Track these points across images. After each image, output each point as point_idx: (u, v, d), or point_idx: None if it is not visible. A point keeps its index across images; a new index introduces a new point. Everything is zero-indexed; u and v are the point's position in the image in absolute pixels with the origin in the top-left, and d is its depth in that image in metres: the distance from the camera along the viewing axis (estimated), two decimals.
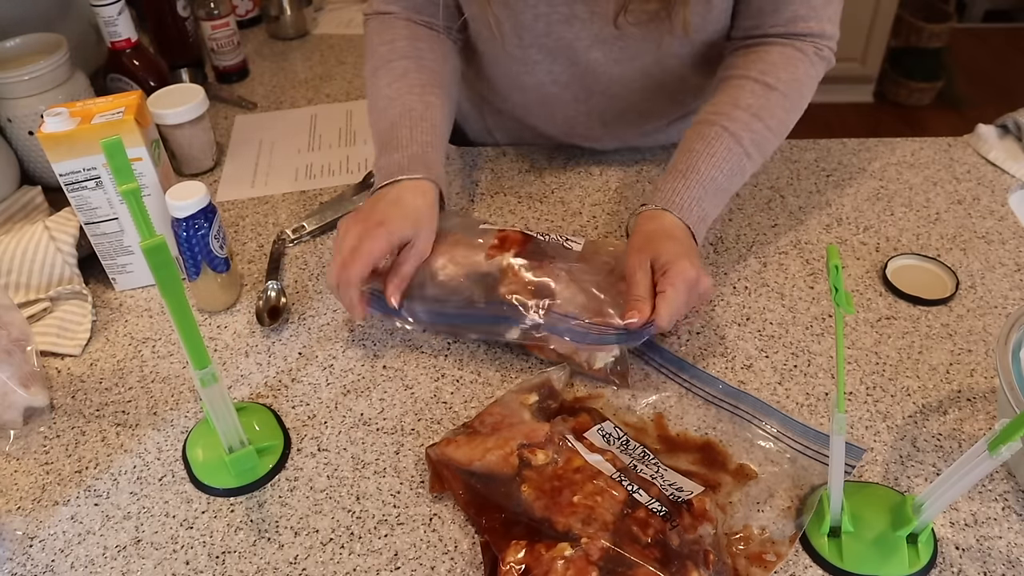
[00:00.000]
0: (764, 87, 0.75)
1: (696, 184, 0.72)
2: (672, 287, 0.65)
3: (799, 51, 0.76)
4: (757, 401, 0.68)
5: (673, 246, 0.67)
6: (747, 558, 0.57)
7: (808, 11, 0.75)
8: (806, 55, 0.76)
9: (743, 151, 0.74)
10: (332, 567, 0.58)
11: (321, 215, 0.91)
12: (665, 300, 0.64)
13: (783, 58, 0.76)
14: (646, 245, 0.68)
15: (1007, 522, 0.59)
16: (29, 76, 0.91)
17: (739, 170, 0.74)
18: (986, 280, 0.80)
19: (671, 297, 0.64)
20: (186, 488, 0.65)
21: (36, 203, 0.95)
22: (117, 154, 0.48)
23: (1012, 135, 0.98)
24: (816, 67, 0.77)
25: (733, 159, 0.73)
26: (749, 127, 0.74)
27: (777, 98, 0.75)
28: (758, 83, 0.75)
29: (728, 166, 0.73)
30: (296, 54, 1.30)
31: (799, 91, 0.76)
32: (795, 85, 0.76)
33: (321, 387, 0.72)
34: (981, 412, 0.67)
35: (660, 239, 0.68)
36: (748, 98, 0.75)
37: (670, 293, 0.64)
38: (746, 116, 0.74)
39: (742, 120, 0.74)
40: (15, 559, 0.60)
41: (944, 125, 2.73)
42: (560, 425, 0.63)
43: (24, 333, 0.72)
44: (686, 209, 0.71)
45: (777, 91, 0.75)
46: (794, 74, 0.76)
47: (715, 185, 0.73)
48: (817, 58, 0.77)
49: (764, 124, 0.74)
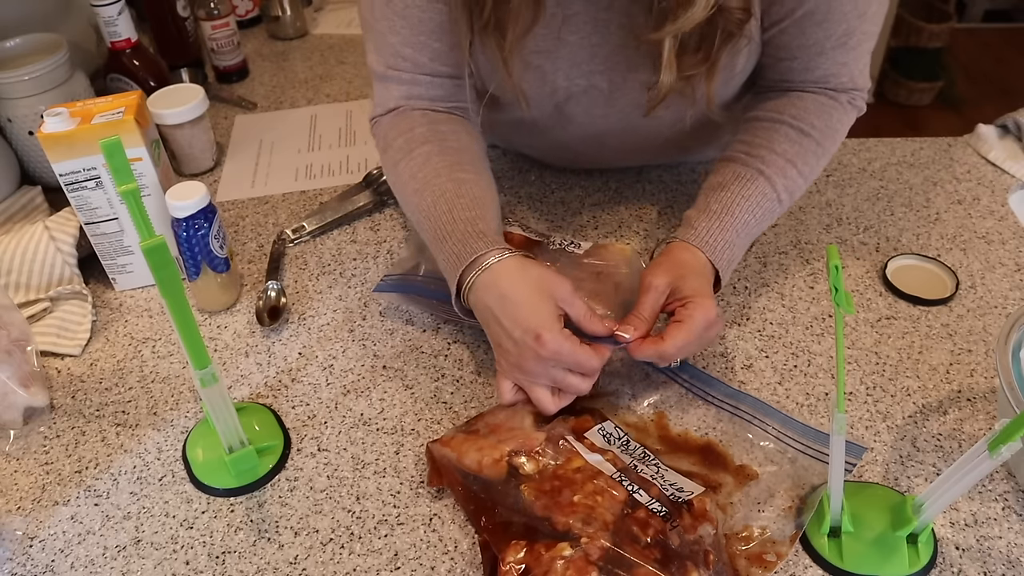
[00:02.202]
0: (799, 133, 0.73)
1: (731, 228, 0.70)
2: (691, 319, 0.63)
3: (833, 99, 0.74)
4: (757, 401, 0.68)
5: (700, 283, 0.66)
6: (747, 558, 0.57)
7: (840, 68, 0.73)
8: (840, 103, 0.75)
9: (776, 196, 0.72)
10: (332, 567, 0.58)
11: (321, 215, 0.91)
12: (680, 330, 0.63)
13: (817, 105, 0.74)
14: (673, 270, 0.66)
15: (1007, 522, 0.59)
16: (29, 76, 0.91)
17: (770, 215, 0.73)
18: (986, 280, 0.80)
19: (687, 329, 0.63)
20: (186, 488, 0.65)
21: (36, 203, 0.95)
22: (116, 154, 0.48)
23: (1012, 135, 0.98)
24: (849, 115, 0.76)
25: (767, 204, 0.72)
26: (784, 173, 0.72)
27: (811, 145, 0.73)
28: (793, 128, 0.73)
29: (761, 211, 0.71)
30: (296, 54, 1.30)
31: (832, 139, 0.75)
32: (829, 133, 0.74)
33: (321, 387, 0.72)
34: (981, 412, 0.67)
35: (690, 272, 0.67)
36: (783, 143, 0.73)
37: (687, 325, 0.63)
38: (781, 161, 0.72)
39: (778, 165, 0.72)
40: (15, 559, 0.60)
41: (944, 125, 2.73)
42: (560, 425, 0.63)
43: (24, 333, 0.72)
44: (719, 252, 0.69)
45: (811, 138, 0.73)
46: (828, 122, 0.74)
47: (747, 229, 0.71)
48: (851, 107, 0.76)
49: (798, 171, 0.73)
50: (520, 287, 0.62)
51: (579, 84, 0.75)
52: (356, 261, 0.86)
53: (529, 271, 0.63)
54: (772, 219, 0.74)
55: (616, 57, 0.72)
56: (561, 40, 0.72)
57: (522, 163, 0.98)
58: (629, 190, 0.93)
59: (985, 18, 3.30)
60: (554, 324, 0.61)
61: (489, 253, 0.64)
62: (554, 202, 0.92)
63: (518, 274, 0.63)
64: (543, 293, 0.62)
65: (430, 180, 0.70)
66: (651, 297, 0.65)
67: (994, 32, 3.25)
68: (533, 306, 0.61)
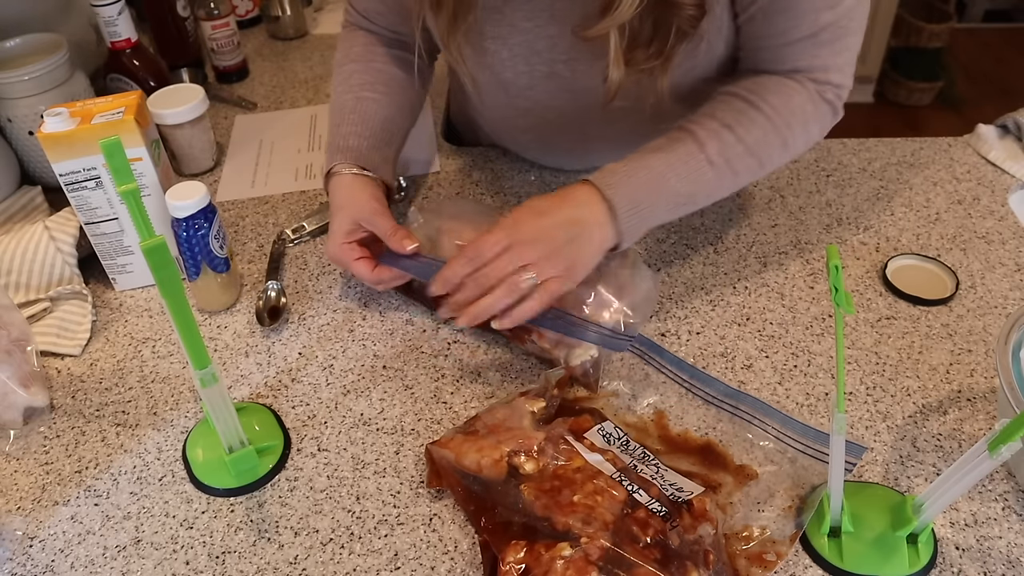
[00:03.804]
0: (747, 104, 0.70)
1: (640, 170, 0.67)
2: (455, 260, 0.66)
3: (798, 83, 0.71)
4: (757, 401, 0.68)
5: (522, 214, 0.66)
6: (747, 558, 0.57)
7: (811, 61, 0.70)
8: (805, 89, 0.71)
9: (705, 157, 0.68)
10: (332, 567, 0.58)
11: (321, 215, 0.91)
12: None
13: (777, 84, 0.71)
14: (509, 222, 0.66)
15: (1007, 522, 0.59)
16: (29, 76, 0.91)
17: (698, 176, 0.68)
18: (986, 280, 0.80)
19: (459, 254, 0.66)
20: (186, 488, 0.65)
21: (36, 203, 0.95)
22: (116, 154, 0.48)
23: (1012, 135, 0.98)
24: (816, 105, 0.71)
25: (692, 162, 0.68)
26: (718, 136, 0.69)
27: (758, 117, 0.69)
28: (743, 100, 0.70)
29: (684, 168, 0.68)
30: (296, 54, 1.30)
31: (787, 120, 0.70)
32: (784, 112, 0.70)
33: (321, 387, 0.72)
34: (981, 412, 0.67)
35: (527, 217, 0.66)
36: (725, 111, 0.70)
37: None
38: (716, 125, 0.69)
39: (711, 128, 0.69)
40: (15, 559, 0.60)
41: (944, 125, 2.73)
42: (560, 425, 0.63)
43: (24, 333, 0.72)
44: (615, 188, 0.66)
45: (760, 111, 0.69)
46: (786, 102, 0.70)
47: (663, 182, 0.67)
48: (820, 99, 0.71)
49: (736, 136, 0.69)
50: (340, 200, 0.75)
51: (540, 71, 0.76)
52: None
53: (355, 190, 0.75)
54: (707, 185, 0.70)
55: (581, 46, 0.72)
56: (515, 27, 0.73)
57: (522, 163, 0.98)
58: None
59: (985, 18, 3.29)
60: (337, 237, 0.74)
61: (340, 166, 0.77)
62: None
63: (345, 190, 0.75)
64: (348, 210, 0.74)
65: (341, 93, 0.82)
66: (456, 261, 0.67)
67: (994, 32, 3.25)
68: (336, 218, 0.74)
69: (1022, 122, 0.97)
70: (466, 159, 1.00)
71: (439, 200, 0.93)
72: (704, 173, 0.69)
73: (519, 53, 0.76)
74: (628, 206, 0.66)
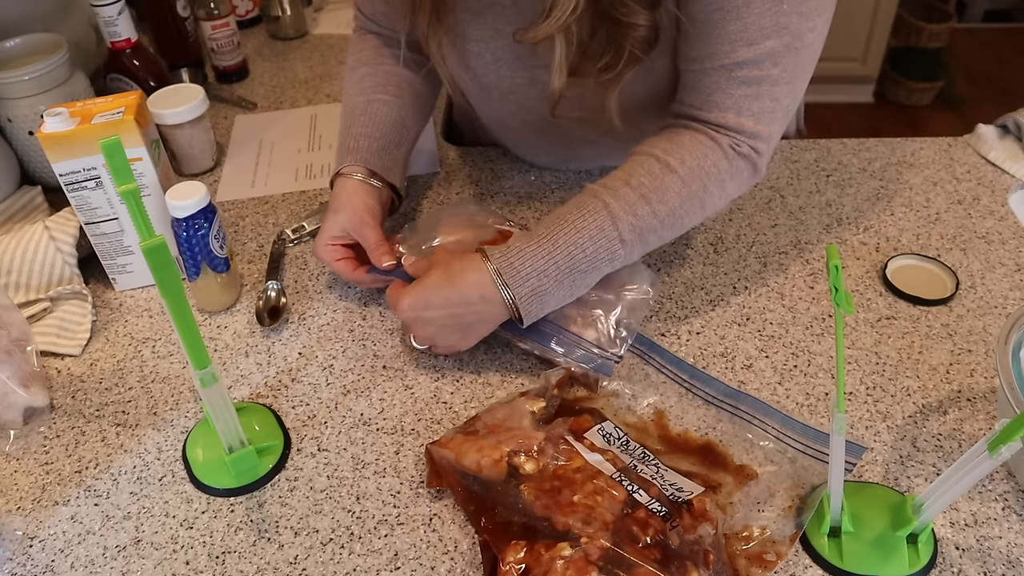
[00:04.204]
0: (663, 167, 0.67)
1: (546, 255, 0.65)
2: None
3: (712, 140, 0.68)
4: (757, 401, 0.68)
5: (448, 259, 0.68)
6: (747, 558, 0.57)
7: (723, 98, 0.66)
8: (720, 146, 0.67)
9: (618, 236, 0.66)
10: (332, 567, 0.58)
11: (321, 215, 0.91)
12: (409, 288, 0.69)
13: (693, 142, 0.68)
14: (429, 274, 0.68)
15: (1007, 522, 0.59)
16: (29, 76, 0.91)
17: (607, 255, 0.66)
18: (986, 280, 0.80)
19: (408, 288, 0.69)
20: (186, 488, 0.65)
21: (36, 203, 0.95)
22: (116, 154, 0.48)
23: (1012, 135, 0.98)
24: (732, 162, 0.68)
25: (603, 241, 0.66)
26: (633, 210, 0.66)
27: (674, 182, 0.67)
28: (659, 161, 0.67)
29: (594, 247, 0.65)
30: (296, 54, 1.30)
31: (702, 181, 0.67)
32: (699, 173, 0.67)
33: (321, 387, 0.72)
34: (981, 412, 0.67)
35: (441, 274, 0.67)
36: (642, 176, 0.67)
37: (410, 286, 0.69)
38: (633, 196, 0.66)
39: (627, 199, 0.66)
40: (15, 559, 0.60)
41: (944, 125, 2.73)
42: (560, 425, 0.63)
43: (24, 333, 0.72)
44: (520, 279, 0.65)
45: (676, 174, 0.67)
46: (701, 162, 0.67)
47: (570, 264, 0.65)
48: (734, 153, 0.68)
49: (651, 209, 0.66)
50: (337, 203, 0.77)
51: (522, 76, 0.77)
52: None
53: (354, 197, 0.77)
54: (614, 262, 0.67)
55: None
56: (498, 31, 0.73)
57: (522, 163, 0.98)
58: None
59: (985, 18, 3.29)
60: (323, 238, 0.76)
61: (349, 167, 0.78)
62: (554, 202, 0.92)
63: (345, 195, 0.77)
64: (340, 216, 0.76)
65: (352, 96, 0.84)
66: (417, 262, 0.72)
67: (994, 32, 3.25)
68: (328, 220, 0.77)
69: (1022, 122, 0.97)
70: (466, 159, 1.00)
71: (441, 207, 0.93)
72: (615, 251, 0.67)
73: (502, 57, 0.76)
74: (533, 296, 0.66)
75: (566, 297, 0.68)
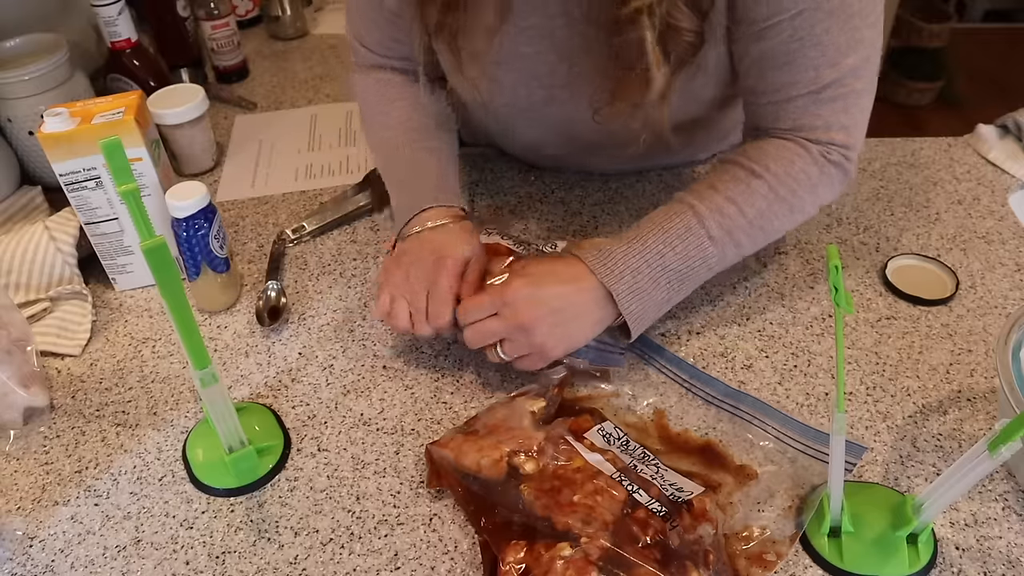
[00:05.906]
0: (748, 172, 0.68)
1: (637, 254, 0.65)
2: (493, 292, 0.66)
3: (801, 147, 0.68)
4: (757, 401, 0.68)
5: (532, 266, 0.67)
6: (747, 558, 0.57)
7: (813, 119, 0.67)
8: (809, 153, 0.68)
9: (706, 233, 0.66)
10: (332, 567, 0.58)
11: (321, 215, 0.91)
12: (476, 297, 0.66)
13: (779, 149, 0.68)
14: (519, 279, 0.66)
15: (1007, 522, 0.59)
16: (29, 76, 0.91)
17: (699, 254, 0.66)
18: (986, 280, 0.80)
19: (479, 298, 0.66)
20: (186, 488, 0.65)
21: (36, 203, 0.95)
22: (116, 154, 0.48)
23: (1012, 135, 0.98)
24: (822, 168, 0.68)
25: (692, 239, 0.66)
26: (720, 210, 0.66)
27: (760, 186, 0.67)
28: (743, 168, 0.68)
29: (683, 246, 0.66)
30: (296, 54, 1.30)
31: (791, 186, 0.68)
32: (787, 179, 0.67)
33: (321, 387, 0.72)
34: (981, 412, 0.67)
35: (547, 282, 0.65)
36: (727, 181, 0.68)
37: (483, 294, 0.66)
38: (719, 199, 0.67)
39: (713, 202, 0.67)
40: (15, 559, 0.60)
41: (944, 125, 2.73)
42: (560, 425, 0.63)
43: (24, 333, 0.72)
44: (615, 276, 0.65)
45: (762, 180, 0.67)
46: (788, 168, 0.68)
47: (662, 262, 0.65)
48: (825, 160, 0.68)
49: (738, 209, 0.66)
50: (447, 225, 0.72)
51: (539, 95, 0.76)
52: (356, 261, 0.86)
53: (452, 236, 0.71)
54: (708, 261, 0.67)
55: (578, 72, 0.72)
56: (516, 52, 0.73)
57: (522, 163, 0.98)
58: (629, 190, 0.93)
59: (985, 18, 3.29)
60: (457, 267, 0.68)
61: (435, 209, 0.73)
62: (554, 202, 0.92)
63: (451, 222, 0.72)
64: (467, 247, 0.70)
65: (391, 150, 0.80)
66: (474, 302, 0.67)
67: (994, 32, 3.25)
68: (453, 245, 0.70)
69: (1022, 122, 0.97)
70: (466, 159, 1.00)
71: None
72: (706, 249, 0.67)
73: (520, 79, 0.76)
74: (633, 295, 0.65)
75: (666, 300, 0.67)
